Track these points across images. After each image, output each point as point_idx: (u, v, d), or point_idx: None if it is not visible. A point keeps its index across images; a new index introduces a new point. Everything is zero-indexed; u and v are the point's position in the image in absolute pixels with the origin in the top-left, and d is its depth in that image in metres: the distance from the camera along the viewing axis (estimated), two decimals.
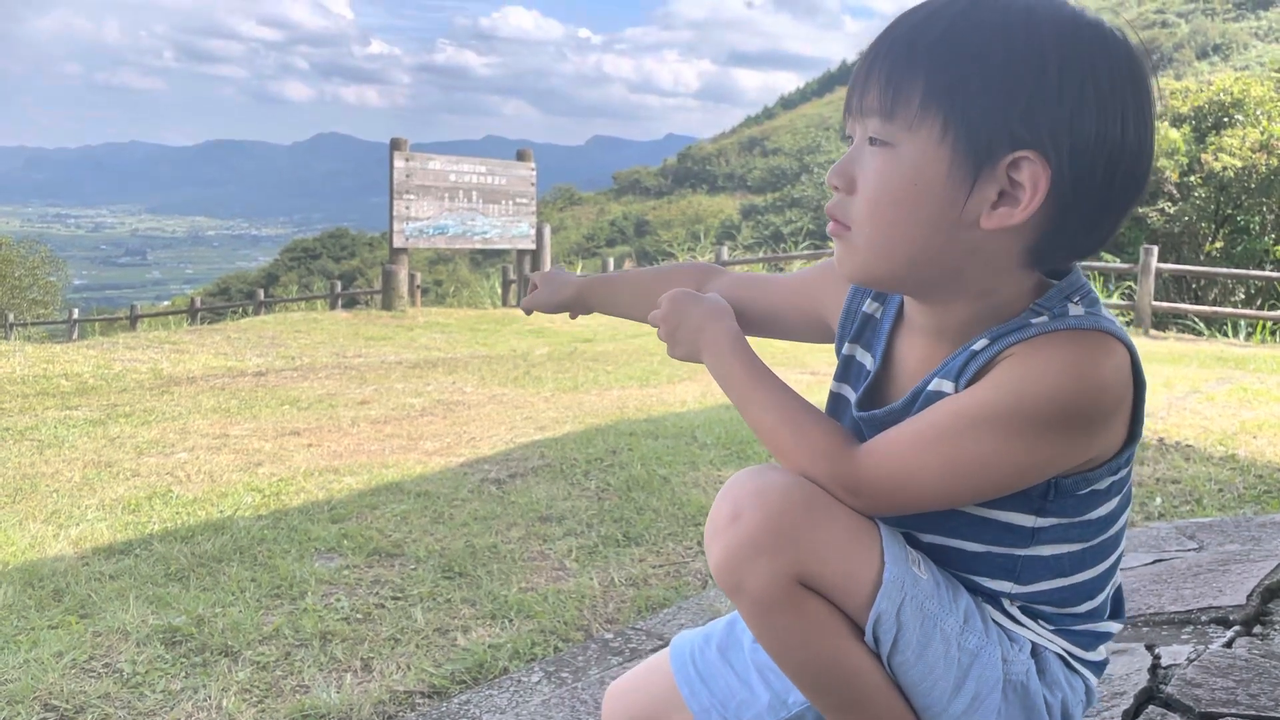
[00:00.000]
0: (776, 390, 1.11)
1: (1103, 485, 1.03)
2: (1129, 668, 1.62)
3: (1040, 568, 1.07)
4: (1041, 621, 1.09)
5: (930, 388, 1.05)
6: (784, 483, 1.05)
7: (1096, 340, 0.96)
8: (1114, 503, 1.06)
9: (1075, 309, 0.99)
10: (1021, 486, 1.01)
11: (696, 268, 1.40)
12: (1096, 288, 15.16)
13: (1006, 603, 1.09)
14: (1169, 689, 1.52)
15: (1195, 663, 1.61)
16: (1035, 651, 1.08)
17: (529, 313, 1.55)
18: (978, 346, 1.01)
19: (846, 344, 1.20)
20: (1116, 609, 1.14)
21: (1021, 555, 1.06)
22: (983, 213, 0.96)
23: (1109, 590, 1.11)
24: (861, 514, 1.05)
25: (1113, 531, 1.08)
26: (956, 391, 1.01)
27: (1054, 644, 1.09)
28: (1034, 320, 0.99)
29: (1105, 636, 1.13)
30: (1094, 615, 1.11)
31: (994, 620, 1.08)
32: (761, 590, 1.03)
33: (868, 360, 1.17)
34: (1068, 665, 1.09)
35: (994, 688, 1.05)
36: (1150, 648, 1.70)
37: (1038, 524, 1.05)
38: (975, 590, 1.09)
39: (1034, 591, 1.08)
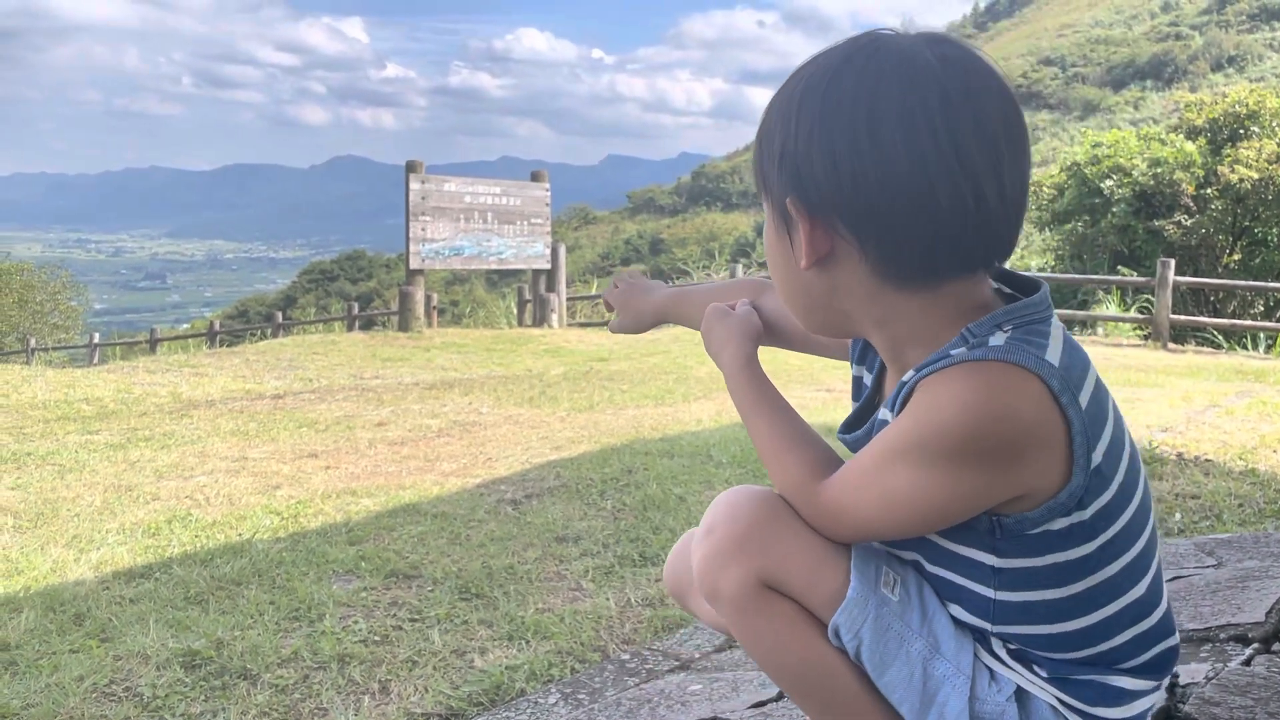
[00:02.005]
0: (773, 414, 1.17)
1: (1056, 527, 1.00)
2: None
3: (1013, 612, 1.06)
4: (1036, 668, 1.07)
5: (879, 416, 1.10)
6: (754, 499, 1.12)
7: (1001, 371, 0.95)
8: (1088, 549, 1.02)
9: (998, 338, 0.99)
10: (957, 518, 1.02)
11: (753, 283, 1.43)
12: (1113, 301, 15.12)
13: (995, 643, 1.08)
14: (1187, 708, 1.52)
15: (1214, 681, 1.60)
16: (1022, 697, 1.07)
17: (615, 331, 1.63)
18: (907, 377, 1.03)
19: (854, 365, 1.25)
20: (1150, 667, 1.08)
21: (994, 598, 1.06)
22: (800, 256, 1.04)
23: (1119, 642, 1.06)
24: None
25: (1099, 580, 1.03)
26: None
27: (1046, 692, 1.06)
28: (953, 351, 0.99)
29: (1127, 695, 1.07)
30: (1099, 666, 1.07)
31: (980, 658, 1.08)
32: (734, 594, 1.11)
33: (868, 381, 1.21)
34: (1061, 717, 1.07)
35: (958, 718, 1.06)
36: None
37: (999, 564, 1.04)
38: (963, 624, 1.10)
39: (1011, 633, 1.07)
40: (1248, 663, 1.69)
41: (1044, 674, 1.07)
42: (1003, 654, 1.08)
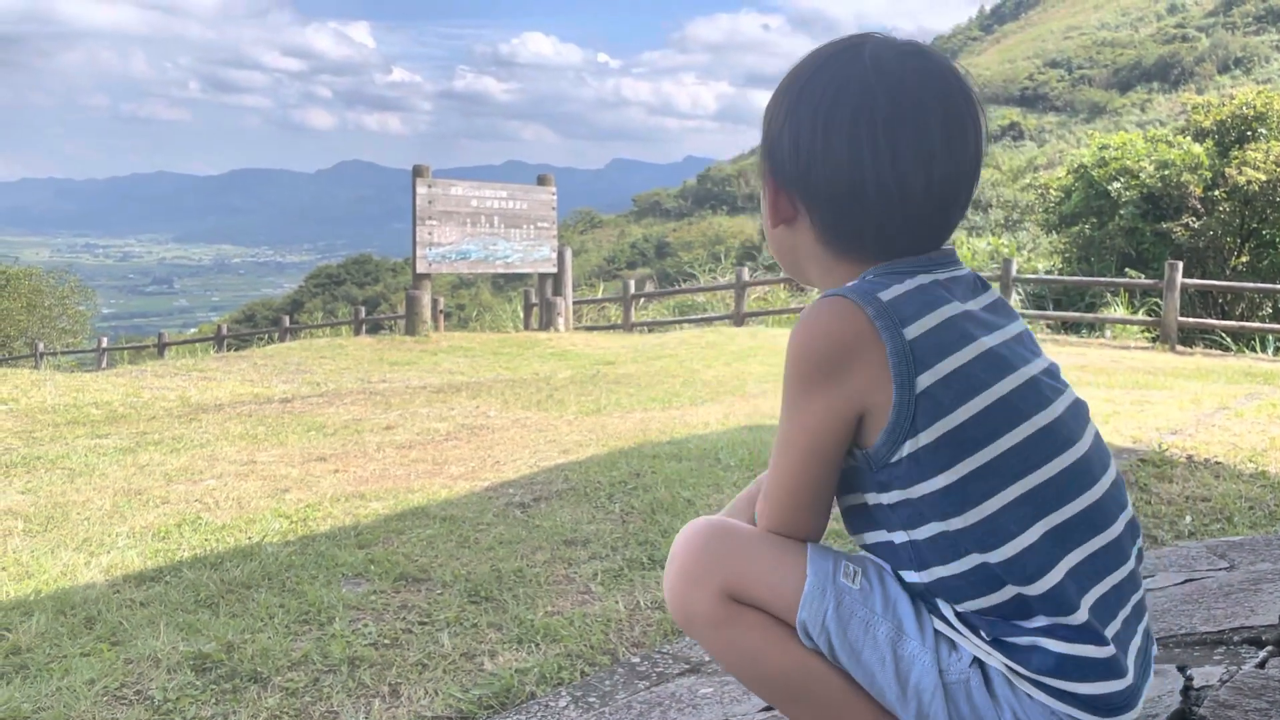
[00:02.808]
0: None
1: (906, 453, 1.10)
2: (1161, 689, 1.60)
3: (928, 552, 1.13)
4: (980, 632, 1.13)
5: None
6: (707, 523, 1.24)
7: (827, 303, 1.12)
8: (949, 478, 1.10)
9: (852, 283, 1.16)
10: (830, 450, 1.14)
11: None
12: (1121, 303, 15.08)
13: (944, 607, 1.15)
14: (1202, 710, 1.51)
15: (1228, 684, 1.59)
16: (983, 667, 1.13)
17: None
18: None
19: None
20: (1088, 633, 1.11)
21: (909, 539, 1.15)
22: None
23: (1041, 590, 1.10)
24: (789, 538, 1.20)
25: (981, 515, 1.10)
26: None
27: (993, 658, 1.13)
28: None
29: (1072, 665, 1.10)
30: (1025, 627, 1.11)
31: (936, 629, 1.15)
32: (705, 613, 1.19)
33: None
34: (1015, 689, 1.12)
35: (934, 694, 1.12)
36: (1182, 669, 1.69)
37: (888, 500, 1.14)
38: (913, 593, 1.17)
39: (934, 581, 1.14)
40: (1262, 665, 1.69)
41: (986, 637, 1.13)
42: (951, 618, 1.14)
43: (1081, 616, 1.11)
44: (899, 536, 1.15)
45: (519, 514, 3.51)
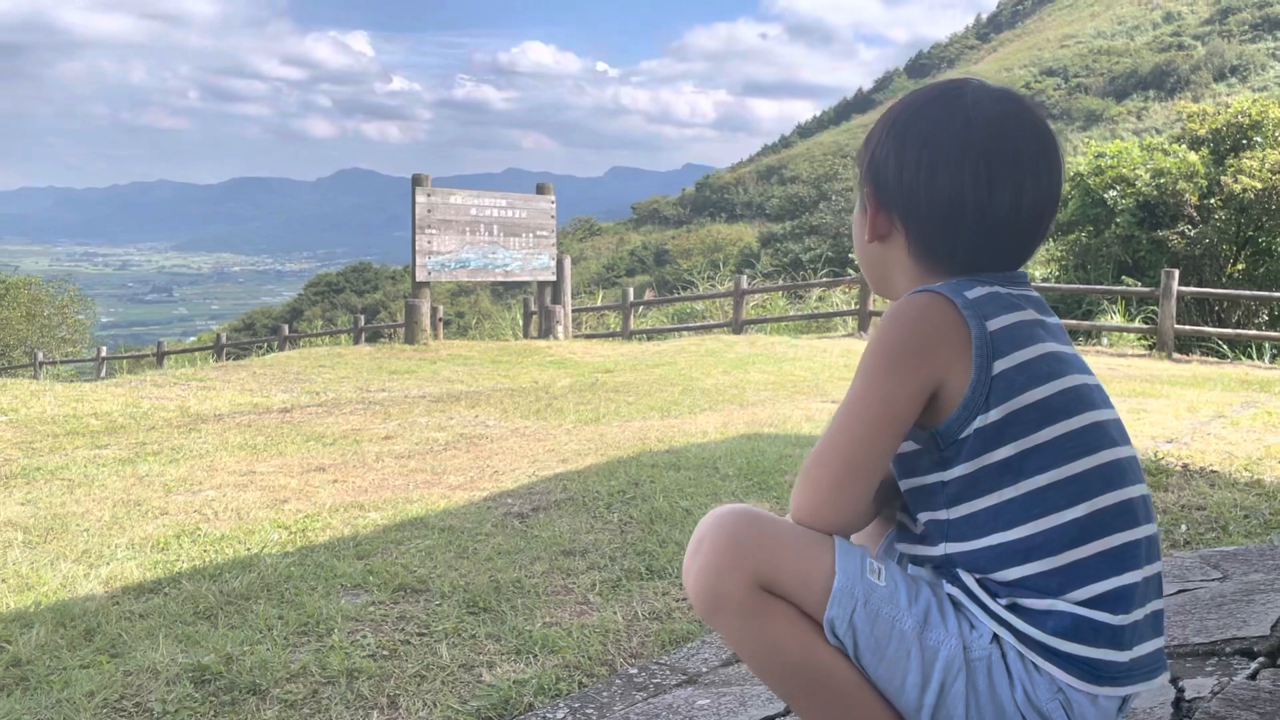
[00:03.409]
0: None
1: (973, 428, 1.22)
2: (1152, 701, 1.61)
3: (964, 527, 1.24)
4: (1000, 599, 1.21)
5: None
6: (735, 510, 1.28)
7: (921, 295, 1.27)
8: (1008, 451, 1.22)
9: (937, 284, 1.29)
10: (897, 423, 1.24)
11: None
12: (1118, 311, 15.14)
13: (964, 575, 1.23)
14: None
15: (1219, 695, 1.61)
16: (1000, 644, 1.20)
17: None
18: None
19: None
20: (1107, 600, 1.20)
21: (948, 518, 1.25)
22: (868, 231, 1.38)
23: (1060, 563, 1.20)
24: (818, 530, 1.26)
25: (1029, 489, 1.21)
26: None
27: (1006, 627, 1.20)
28: None
29: (1085, 627, 1.18)
30: (1046, 591, 1.20)
31: (952, 597, 1.23)
32: (736, 601, 1.23)
33: None
34: (1025, 661, 1.19)
35: (958, 674, 1.19)
36: (1174, 680, 1.70)
37: (947, 477, 1.24)
38: (938, 568, 1.26)
39: (965, 551, 1.23)
40: (1253, 676, 1.70)
41: (1003, 602, 1.21)
42: (971, 584, 1.23)
43: (1102, 588, 1.19)
44: (942, 514, 1.26)
45: (517, 524, 3.52)
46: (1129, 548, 1.22)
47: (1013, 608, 1.20)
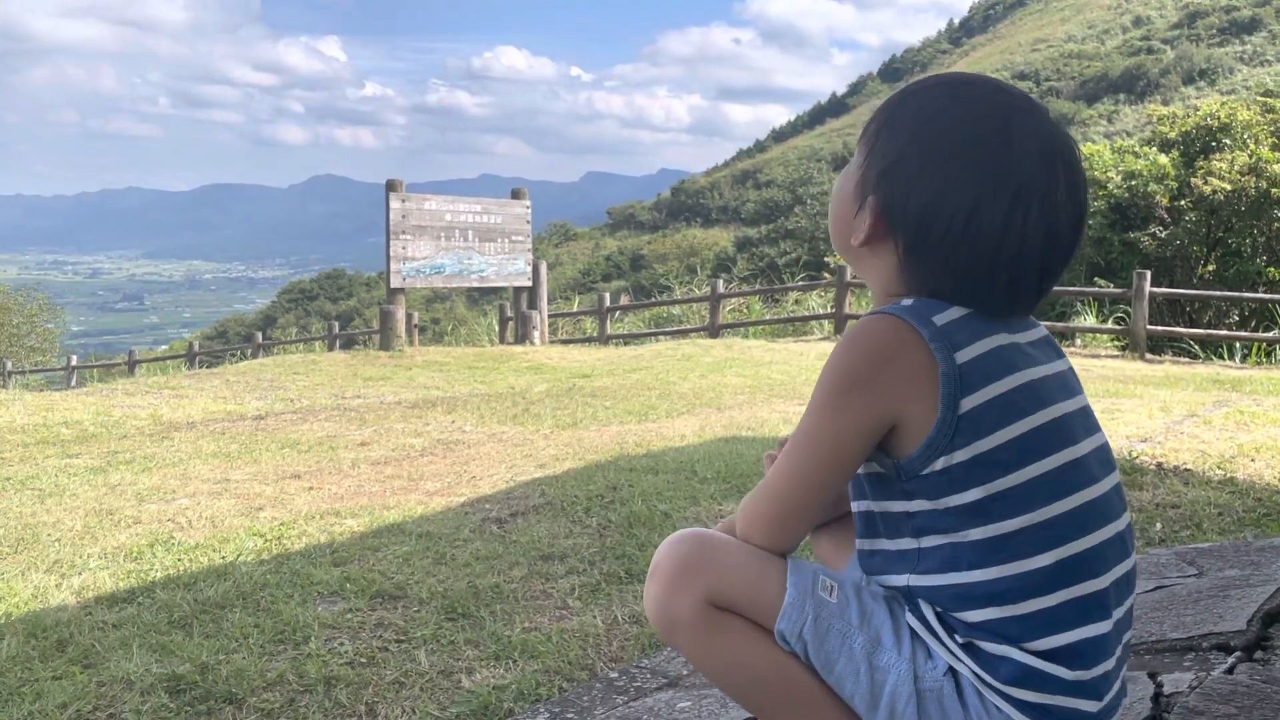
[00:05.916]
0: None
1: (939, 467, 1.14)
2: (1132, 696, 1.62)
3: (934, 560, 1.18)
4: (956, 636, 1.17)
5: None
6: (687, 534, 1.28)
7: (877, 319, 1.18)
8: (976, 494, 1.14)
9: (905, 303, 1.20)
10: (850, 457, 1.19)
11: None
12: (1091, 312, 15.23)
13: (924, 607, 1.19)
14: (1172, 717, 1.53)
15: (1198, 690, 1.62)
16: (955, 676, 1.17)
17: None
18: None
19: None
20: (1064, 655, 1.14)
21: (915, 548, 1.19)
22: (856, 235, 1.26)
23: (1020, 611, 1.14)
24: (770, 551, 1.24)
25: (996, 533, 1.14)
26: None
27: (963, 664, 1.16)
28: None
29: (1043, 679, 1.13)
30: (1005, 637, 1.14)
31: (911, 628, 1.19)
32: (690, 617, 1.22)
33: None
34: (984, 699, 1.15)
35: (908, 701, 1.16)
36: (1153, 676, 1.71)
37: (913, 508, 1.18)
38: (899, 595, 1.21)
39: (930, 587, 1.18)
40: (1230, 671, 1.71)
41: (959, 640, 1.16)
42: (930, 617, 1.18)
43: (1063, 640, 1.14)
44: (907, 543, 1.20)
45: (495, 529, 3.50)
46: (1097, 597, 1.16)
47: (968, 647, 1.16)
